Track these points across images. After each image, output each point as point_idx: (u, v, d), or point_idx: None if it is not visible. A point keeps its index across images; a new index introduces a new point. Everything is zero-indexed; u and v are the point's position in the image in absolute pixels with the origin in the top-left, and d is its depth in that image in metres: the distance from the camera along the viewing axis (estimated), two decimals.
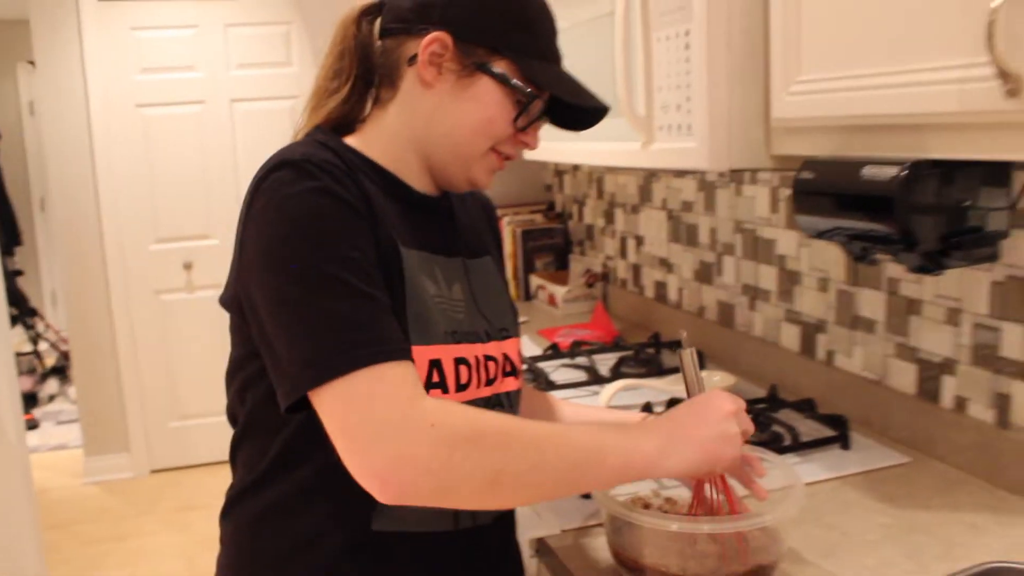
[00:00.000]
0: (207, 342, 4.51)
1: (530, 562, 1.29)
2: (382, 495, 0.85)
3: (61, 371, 6.14)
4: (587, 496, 1.35)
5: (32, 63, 6.35)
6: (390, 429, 0.85)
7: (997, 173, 1.10)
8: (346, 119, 1.10)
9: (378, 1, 1.09)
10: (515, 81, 1.01)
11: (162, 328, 4.45)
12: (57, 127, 4.19)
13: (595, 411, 1.33)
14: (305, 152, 0.94)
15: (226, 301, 1.01)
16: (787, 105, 1.18)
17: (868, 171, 1.03)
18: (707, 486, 1.06)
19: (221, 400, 4.41)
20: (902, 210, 0.99)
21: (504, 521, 1.12)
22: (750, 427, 1.02)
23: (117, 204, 4.29)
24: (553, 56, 1.07)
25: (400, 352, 0.90)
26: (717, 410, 0.98)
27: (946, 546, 1.16)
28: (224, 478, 4.05)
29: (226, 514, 1.09)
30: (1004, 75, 0.83)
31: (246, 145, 4.43)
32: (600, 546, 1.21)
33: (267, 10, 4.36)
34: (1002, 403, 1.35)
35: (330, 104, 1.09)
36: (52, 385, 6.04)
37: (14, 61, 6.85)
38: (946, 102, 0.91)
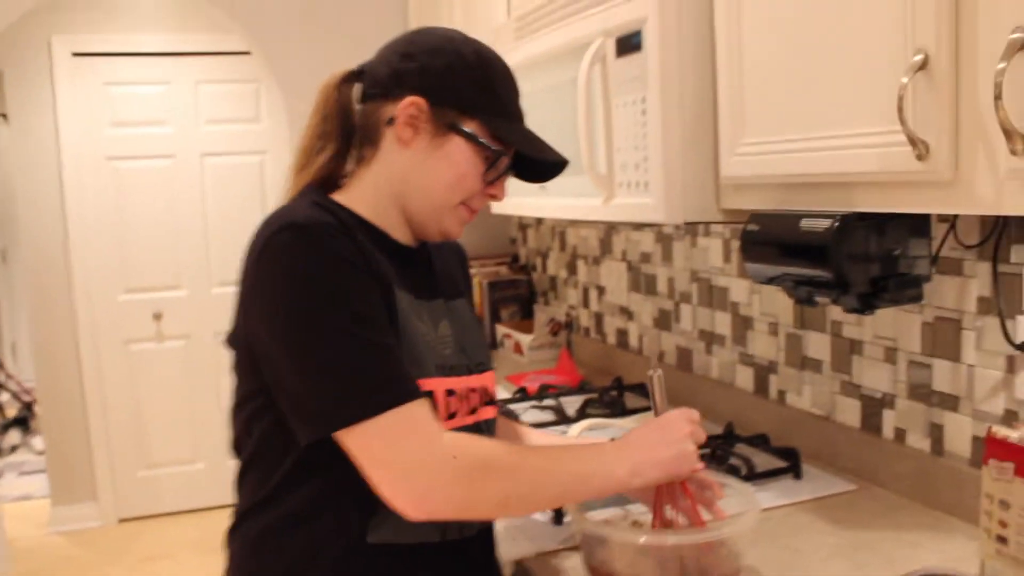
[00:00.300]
0: (176, 391, 4.55)
1: None
2: (413, 516, 0.99)
3: (23, 422, 6.10)
4: (559, 523, 1.46)
5: (3, 115, 6.40)
6: (418, 464, 0.99)
7: (920, 225, 1.24)
8: (331, 176, 1.21)
9: (357, 69, 1.21)
10: (483, 140, 1.13)
11: (131, 377, 4.48)
12: (28, 178, 4.25)
13: (558, 439, 1.45)
14: (306, 215, 1.05)
15: (232, 342, 1.12)
16: (734, 165, 1.32)
17: (806, 223, 1.17)
18: (666, 507, 1.18)
19: (189, 449, 4.48)
20: (835, 257, 1.13)
21: (486, 534, 1.22)
22: (703, 438, 1.16)
23: (87, 254, 4.34)
24: (516, 116, 1.19)
25: (416, 393, 1.02)
26: (676, 431, 1.12)
27: (888, 561, 1.28)
28: (189, 527, 4.09)
29: (232, 533, 1.17)
30: (913, 142, 0.97)
31: (215, 198, 4.52)
32: (572, 567, 1.31)
33: (237, 68, 4.48)
34: (936, 433, 1.48)
35: (317, 162, 1.20)
36: (14, 436, 6.00)
37: None
38: (869, 163, 1.05)
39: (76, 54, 4.26)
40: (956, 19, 0.94)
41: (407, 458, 0.99)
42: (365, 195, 1.17)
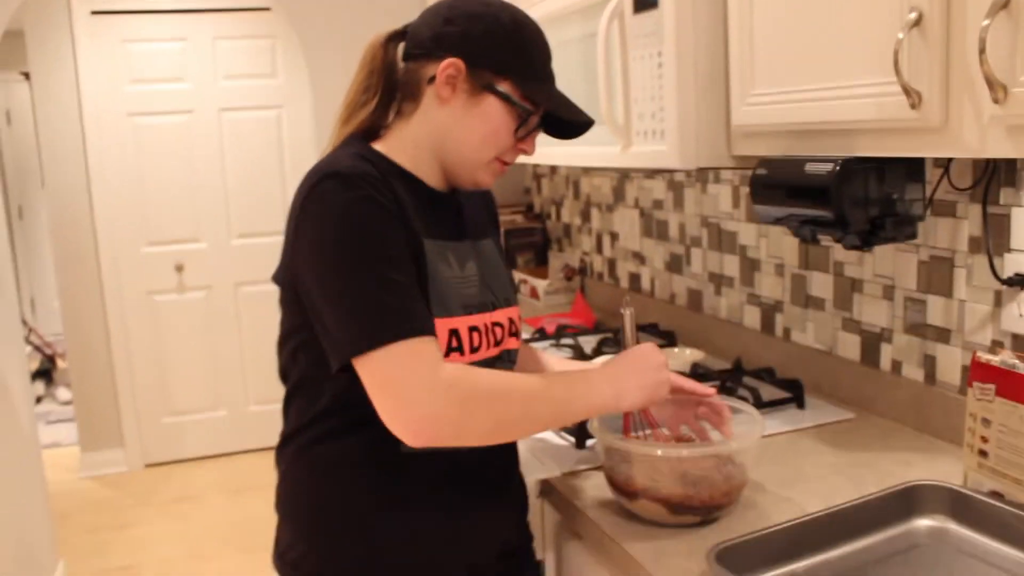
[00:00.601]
0: (197, 341, 4.70)
1: (535, 501, 1.53)
2: (412, 443, 1.10)
3: (46, 373, 6.27)
4: (581, 447, 1.59)
5: (25, 74, 6.49)
6: (417, 392, 1.09)
7: (915, 169, 1.35)
8: (372, 127, 1.32)
9: (401, 29, 1.31)
10: (515, 99, 1.23)
11: (154, 328, 4.62)
12: (51, 136, 4.36)
13: (571, 363, 1.58)
14: (348, 165, 1.16)
15: (279, 279, 1.24)
16: (744, 114, 1.42)
17: (810, 167, 1.28)
18: (633, 420, 1.33)
19: (211, 397, 4.64)
20: (836, 198, 1.24)
21: (510, 449, 1.35)
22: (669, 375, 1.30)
23: (110, 209, 4.46)
24: (548, 78, 1.29)
25: (425, 329, 1.13)
26: (653, 360, 1.26)
27: (881, 476, 1.41)
28: (213, 470, 4.27)
29: (281, 451, 1.30)
30: (908, 92, 1.08)
31: (233, 152, 4.62)
32: (593, 484, 1.45)
33: (254, 24, 4.56)
34: (929, 364, 1.60)
35: (360, 115, 1.31)
36: (38, 387, 6.17)
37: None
38: (867, 111, 1.16)
39: (95, 12, 4.34)
40: None
41: (406, 388, 1.09)
42: (405, 146, 1.28)
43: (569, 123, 1.30)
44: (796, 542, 1.15)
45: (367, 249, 1.12)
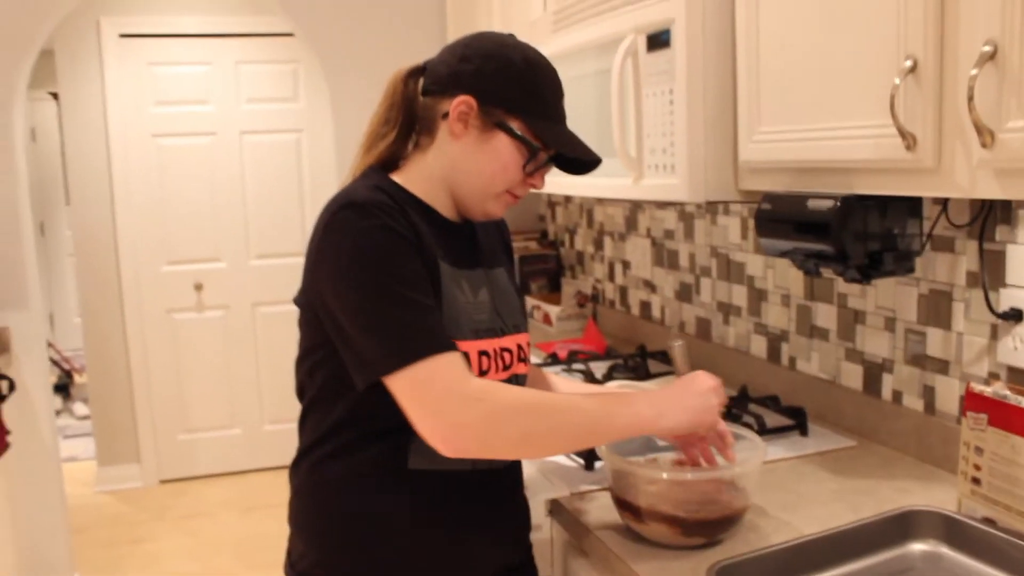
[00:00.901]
0: (214, 359, 4.77)
1: (544, 520, 1.58)
2: (443, 451, 1.16)
3: (64, 388, 6.35)
4: (590, 468, 1.64)
5: (53, 94, 6.63)
6: (448, 404, 1.15)
7: (913, 206, 1.41)
8: (392, 157, 1.39)
9: (422, 64, 1.38)
10: (526, 137, 1.29)
11: (173, 346, 4.70)
12: (78, 155, 4.46)
13: (585, 386, 1.63)
14: (364, 196, 1.22)
15: (299, 303, 1.30)
16: (751, 150, 1.49)
17: (812, 203, 1.34)
18: (695, 452, 1.36)
19: (226, 415, 4.72)
20: (836, 233, 1.30)
21: (514, 468, 1.40)
22: (725, 399, 1.32)
23: (132, 228, 4.55)
24: (558, 117, 1.34)
25: (451, 345, 1.19)
26: (702, 386, 1.29)
27: (879, 503, 1.45)
28: (227, 487, 4.33)
29: (295, 467, 1.36)
30: (903, 134, 1.14)
31: (254, 174, 4.72)
32: (600, 505, 1.50)
33: (276, 50, 4.67)
34: (929, 394, 1.65)
35: (381, 146, 1.38)
36: (56, 402, 6.25)
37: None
38: (865, 152, 1.22)
39: (123, 35, 4.45)
40: (941, 31, 1.11)
41: (438, 401, 1.15)
42: (421, 177, 1.34)
43: (578, 160, 1.36)
44: (793, 562, 1.20)
45: (386, 273, 1.18)
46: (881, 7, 1.18)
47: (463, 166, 1.31)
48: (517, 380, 1.40)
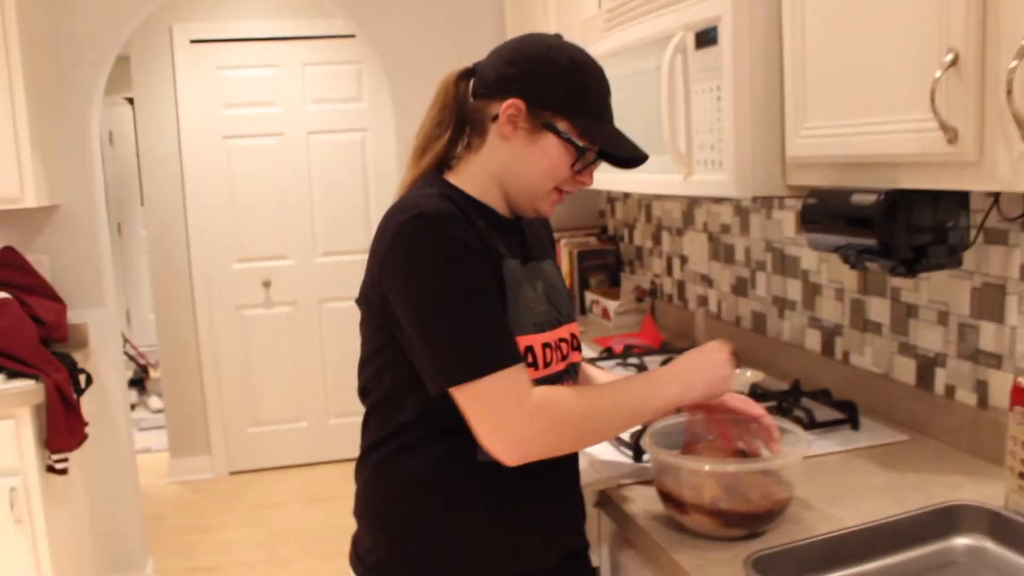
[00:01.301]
0: (282, 354, 4.89)
1: (592, 511, 1.61)
2: (508, 462, 1.22)
3: (140, 383, 6.57)
4: (639, 460, 1.67)
5: (128, 99, 6.85)
6: (510, 419, 1.20)
7: (960, 200, 1.40)
8: (444, 159, 1.43)
9: (471, 67, 1.42)
10: (572, 137, 1.33)
11: (242, 341, 4.84)
12: (152, 158, 4.62)
13: (617, 375, 1.66)
14: (433, 205, 1.25)
15: (362, 305, 1.35)
16: (797, 146, 1.49)
17: (856, 198, 1.34)
18: (737, 442, 1.39)
19: (294, 408, 4.83)
20: (880, 227, 1.30)
21: (571, 458, 1.44)
22: (735, 367, 1.38)
23: (203, 227, 4.70)
24: (604, 116, 1.37)
25: (516, 359, 1.23)
26: (716, 355, 1.35)
27: (926, 497, 1.45)
28: (293, 479, 4.45)
29: (361, 463, 1.41)
30: (944, 128, 1.14)
31: (320, 173, 4.83)
32: (646, 496, 1.52)
33: (341, 51, 4.77)
34: (982, 389, 1.64)
35: (435, 147, 1.42)
36: (132, 395, 6.46)
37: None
38: (908, 146, 1.22)
39: (194, 41, 4.60)
40: (983, 24, 1.11)
41: (502, 416, 1.20)
42: (474, 178, 1.38)
43: (626, 157, 1.39)
44: (832, 554, 1.21)
45: (457, 286, 1.22)
46: (923, 0, 1.18)
47: (513, 167, 1.35)
48: (574, 368, 1.45)
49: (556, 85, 1.31)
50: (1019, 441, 1.29)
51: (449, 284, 1.22)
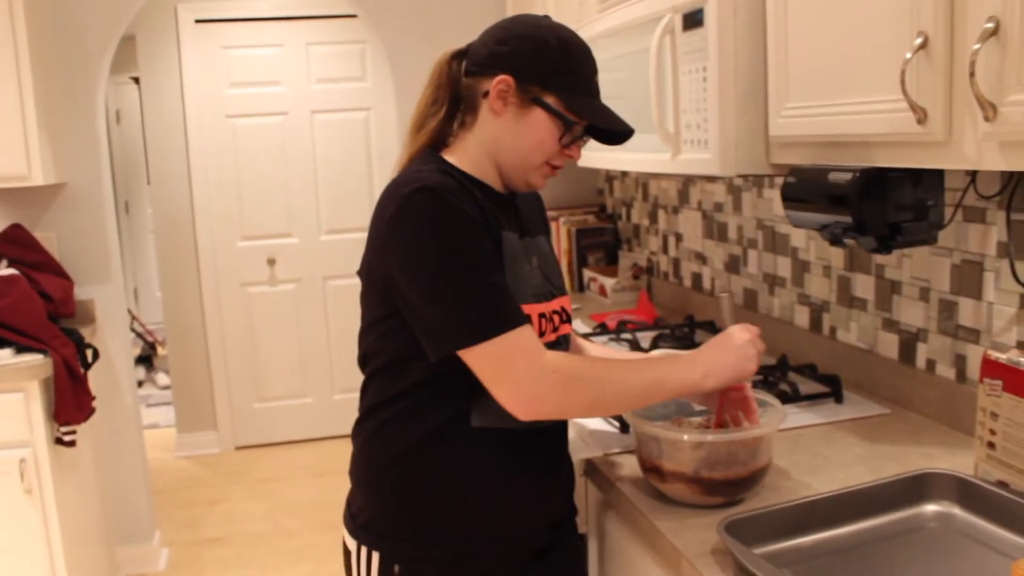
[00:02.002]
0: (287, 331, 4.96)
1: (580, 480, 1.66)
2: (522, 417, 1.27)
3: (147, 359, 6.65)
4: (626, 431, 1.72)
5: (134, 79, 6.88)
6: (525, 378, 1.25)
7: (935, 180, 1.44)
8: (440, 136, 1.48)
9: (464, 48, 1.46)
10: (560, 111, 1.37)
11: (247, 318, 4.90)
12: (157, 137, 4.67)
13: (620, 352, 1.70)
14: (435, 180, 1.30)
15: (363, 275, 1.39)
16: (780, 125, 1.53)
17: (833, 176, 1.38)
18: (725, 415, 1.44)
19: (299, 384, 4.91)
20: (855, 204, 1.34)
21: (561, 427, 1.49)
22: (763, 347, 1.40)
23: (209, 205, 4.75)
24: (591, 91, 1.41)
25: (523, 319, 1.28)
26: (738, 340, 1.37)
27: (902, 467, 1.50)
28: (298, 454, 4.52)
29: (358, 426, 1.46)
30: (914, 108, 1.18)
31: (324, 152, 4.87)
32: (630, 464, 1.57)
33: (345, 30, 4.80)
34: (960, 363, 1.68)
35: (431, 124, 1.46)
36: (139, 372, 6.54)
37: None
38: (881, 126, 1.26)
39: (199, 20, 4.63)
40: (951, 8, 1.14)
41: (517, 374, 1.25)
42: (469, 155, 1.43)
43: (612, 130, 1.43)
44: (805, 518, 1.26)
45: (462, 254, 1.27)
46: None
47: (505, 141, 1.40)
48: (564, 340, 1.50)
49: (544, 62, 1.36)
50: (988, 412, 1.34)
51: (454, 251, 1.26)
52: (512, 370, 1.25)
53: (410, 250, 1.28)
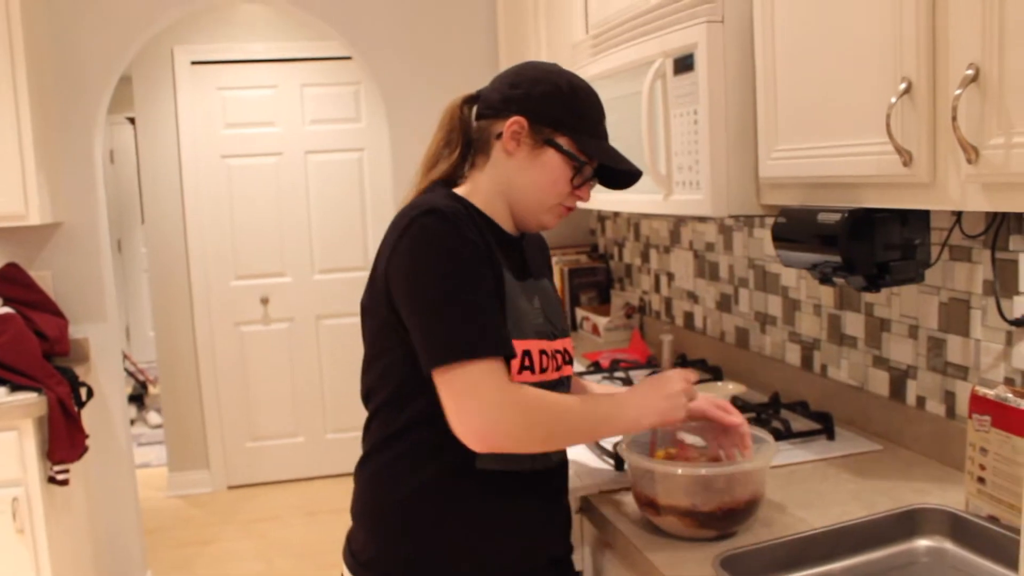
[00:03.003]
0: (280, 370, 4.96)
1: (575, 517, 1.67)
2: (476, 447, 1.27)
3: (139, 398, 6.62)
4: (620, 469, 1.73)
5: (130, 119, 6.94)
6: (487, 404, 1.26)
7: (921, 219, 1.48)
8: (451, 176, 1.51)
9: (475, 93, 1.50)
10: (572, 152, 1.41)
11: (240, 357, 4.90)
12: (153, 176, 4.70)
13: (611, 388, 1.73)
14: (445, 204, 1.34)
15: (365, 307, 1.42)
16: (769, 167, 1.57)
17: (822, 216, 1.42)
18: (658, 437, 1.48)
19: (291, 423, 4.90)
20: (843, 244, 1.37)
21: (563, 468, 1.50)
22: (695, 397, 1.45)
23: (203, 244, 4.78)
24: (600, 134, 1.46)
25: (499, 351, 1.29)
26: (673, 387, 1.40)
27: (894, 502, 1.52)
28: (291, 493, 4.50)
29: (361, 467, 1.47)
30: (900, 151, 1.22)
31: (318, 192, 4.91)
32: (626, 502, 1.59)
33: (339, 72, 4.86)
34: (950, 399, 1.70)
35: (442, 166, 1.50)
36: (131, 411, 6.52)
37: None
38: (868, 168, 1.30)
39: (195, 62, 4.69)
40: (933, 54, 1.19)
41: (477, 401, 1.25)
42: (479, 192, 1.47)
43: (620, 174, 1.47)
44: (799, 553, 1.28)
45: (459, 275, 1.29)
46: (880, 32, 1.26)
47: (517, 181, 1.44)
48: (566, 380, 1.52)
49: (556, 104, 1.40)
50: (977, 447, 1.36)
51: (452, 273, 1.29)
52: (472, 397, 1.25)
53: (411, 266, 1.30)
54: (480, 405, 1.25)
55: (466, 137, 1.48)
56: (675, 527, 1.38)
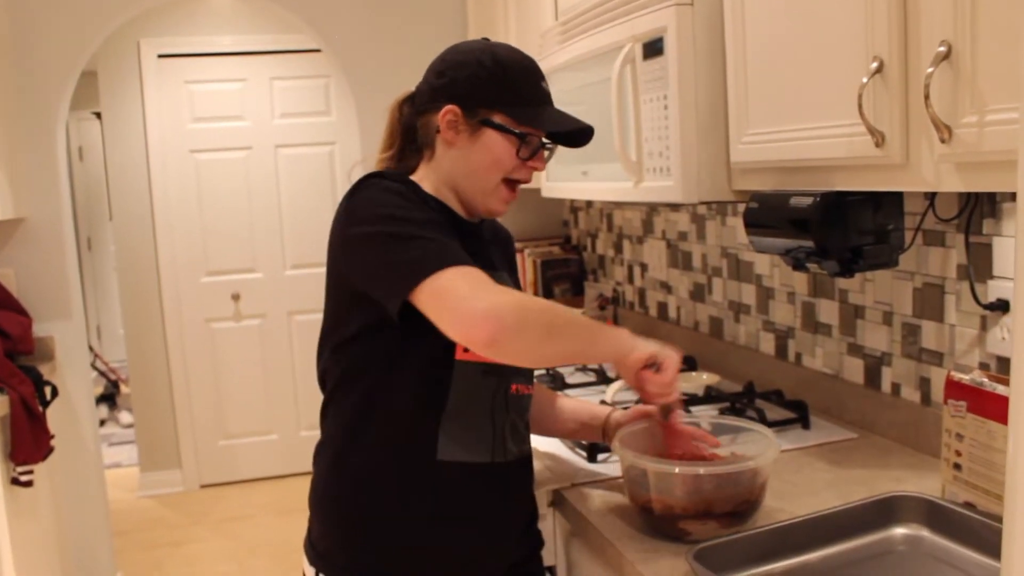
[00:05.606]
0: (252, 367, 4.90)
1: (547, 510, 1.64)
2: (478, 340, 1.18)
3: (110, 398, 6.54)
4: (592, 461, 1.70)
5: (96, 114, 6.83)
6: (481, 293, 1.19)
7: (894, 203, 1.45)
8: (401, 168, 1.49)
9: (412, 91, 1.49)
10: (508, 126, 1.38)
11: (211, 354, 4.84)
12: (120, 172, 4.62)
13: (586, 403, 1.69)
14: (393, 174, 1.36)
15: (327, 290, 1.39)
16: (741, 152, 1.54)
17: (794, 201, 1.39)
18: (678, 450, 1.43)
19: (264, 421, 4.82)
20: (816, 228, 1.35)
21: (524, 460, 1.47)
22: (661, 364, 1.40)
23: (172, 240, 4.70)
24: (538, 100, 1.41)
25: (470, 262, 1.25)
26: (632, 357, 1.37)
27: (870, 491, 1.49)
28: (264, 492, 4.43)
29: (319, 452, 1.44)
30: (872, 132, 1.19)
31: (288, 186, 4.84)
32: (597, 495, 1.56)
33: (309, 65, 4.80)
34: (925, 386, 1.69)
35: (385, 163, 1.51)
36: (102, 411, 6.43)
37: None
38: (840, 150, 1.27)
39: (161, 55, 4.61)
40: (904, 32, 1.16)
41: (465, 296, 1.19)
42: (429, 180, 1.45)
43: (572, 133, 1.43)
44: (775, 545, 1.25)
45: (408, 216, 1.28)
46: (850, 11, 1.23)
47: (462, 168, 1.41)
48: (527, 372, 1.48)
49: (483, 83, 1.38)
50: (953, 433, 1.34)
51: (402, 213, 1.27)
52: (462, 293, 1.19)
53: (363, 218, 1.29)
54: (471, 296, 1.18)
55: (409, 135, 1.48)
56: (701, 530, 1.31)
